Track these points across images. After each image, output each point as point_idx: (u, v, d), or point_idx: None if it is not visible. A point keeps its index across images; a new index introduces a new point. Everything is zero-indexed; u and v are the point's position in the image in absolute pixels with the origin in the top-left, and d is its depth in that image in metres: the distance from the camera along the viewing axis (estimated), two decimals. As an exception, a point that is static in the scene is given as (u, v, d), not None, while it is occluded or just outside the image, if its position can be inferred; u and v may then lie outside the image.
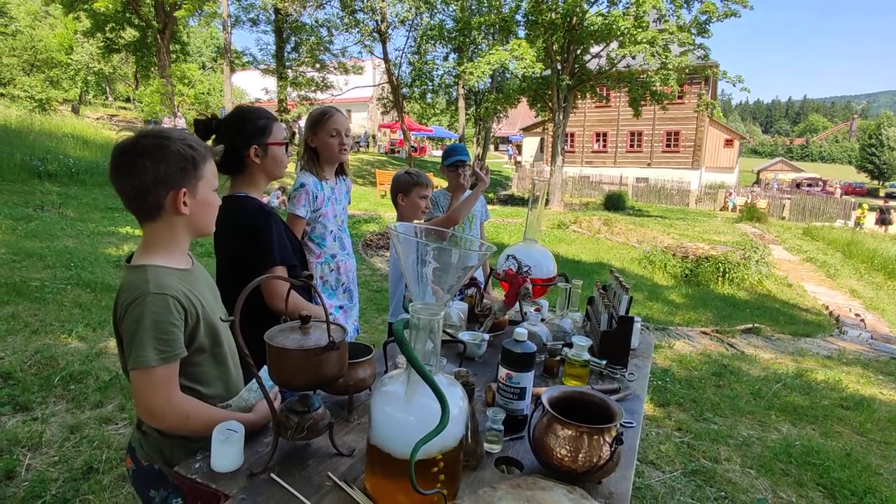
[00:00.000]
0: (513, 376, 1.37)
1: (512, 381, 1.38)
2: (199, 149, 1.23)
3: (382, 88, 25.79)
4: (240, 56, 23.34)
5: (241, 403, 1.29)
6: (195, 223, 1.27)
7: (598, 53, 17.65)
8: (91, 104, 31.38)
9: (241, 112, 1.84)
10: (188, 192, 1.21)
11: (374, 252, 8.96)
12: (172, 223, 1.23)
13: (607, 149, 30.82)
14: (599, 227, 14.11)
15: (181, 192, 1.19)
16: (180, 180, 1.19)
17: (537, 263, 2.09)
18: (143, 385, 1.13)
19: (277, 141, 1.81)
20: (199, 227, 1.29)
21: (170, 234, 1.25)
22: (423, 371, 0.99)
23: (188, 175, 1.20)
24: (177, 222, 1.24)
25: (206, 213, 1.28)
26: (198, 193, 1.23)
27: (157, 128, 1.28)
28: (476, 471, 1.21)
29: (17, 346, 3.57)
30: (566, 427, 1.14)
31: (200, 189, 1.24)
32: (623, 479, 1.21)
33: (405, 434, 1.00)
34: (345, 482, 1.12)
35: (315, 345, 1.12)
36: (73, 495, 2.28)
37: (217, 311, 1.35)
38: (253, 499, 1.06)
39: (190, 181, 1.21)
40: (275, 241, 1.75)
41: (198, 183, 1.23)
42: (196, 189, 1.23)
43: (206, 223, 1.29)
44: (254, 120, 1.80)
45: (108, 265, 5.80)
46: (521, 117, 38.31)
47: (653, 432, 3.32)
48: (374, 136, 33.68)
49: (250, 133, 1.80)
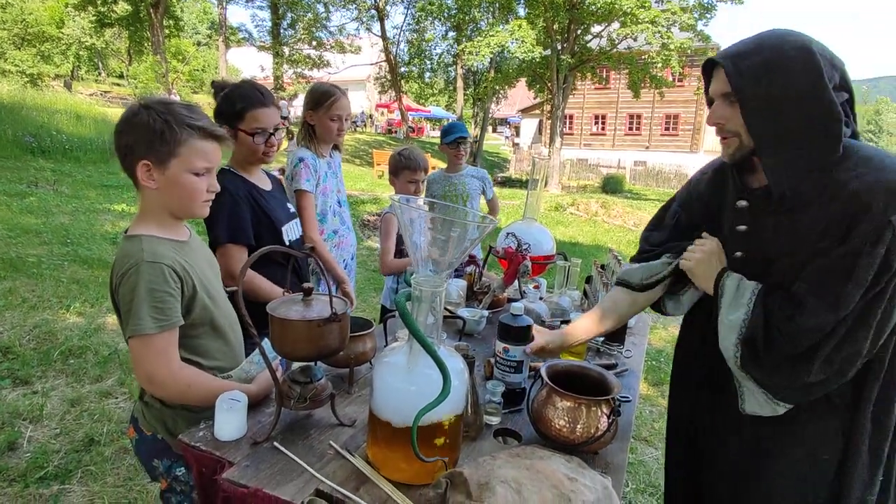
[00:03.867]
0: (509, 350, 1.39)
1: (508, 355, 1.39)
2: (176, 125, 1.16)
3: (380, 67, 25.45)
4: (235, 32, 22.96)
5: (242, 375, 1.31)
6: (167, 201, 1.22)
7: (599, 33, 17.43)
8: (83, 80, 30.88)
9: (230, 90, 1.79)
10: (153, 167, 1.17)
11: (371, 232, 8.93)
12: (150, 196, 1.22)
13: (605, 131, 30.62)
14: (597, 210, 14.11)
15: (142, 163, 1.17)
16: (143, 151, 1.16)
17: (536, 241, 2.10)
18: (142, 353, 1.14)
19: (247, 129, 1.75)
20: (174, 207, 1.23)
21: (154, 207, 1.23)
22: (425, 341, 1.00)
23: (153, 148, 1.16)
24: (152, 195, 1.21)
25: (178, 194, 1.21)
26: (168, 170, 1.18)
27: (149, 97, 1.25)
28: (476, 441, 1.23)
29: (15, 320, 3.57)
30: (565, 399, 1.16)
31: (172, 166, 1.18)
32: (619, 451, 1.23)
33: (407, 403, 1.01)
34: (347, 451, 1.14)
35: (318, 316, 1.14)
36: (75, 466, 2.31)
37: (215, 285, 1.35)
38: (256, 466, 1.08)
39: (156, 155, 1.16)
40: (223, 219, 1.68)
41: (170, 159, 1.17)
42: (166, 165, 1.17)
43: (180, 203, 1.23)
44: (232, 102, 1.75)
45: (104, 242, 5.78)
46: (520, 98, 37.96)
47: (646, 410, 3.38)
48: (371, 116, 33.34)
49: (226, 115, 1.76)
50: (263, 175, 1.94)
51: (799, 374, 1.09)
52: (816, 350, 1.07)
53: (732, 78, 1.11)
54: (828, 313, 1.05)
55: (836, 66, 1.10)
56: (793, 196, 1.12)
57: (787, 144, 1.10)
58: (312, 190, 2.24)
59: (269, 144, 1.82)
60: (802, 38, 1.10)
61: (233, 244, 1.71)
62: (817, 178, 1.09)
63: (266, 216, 1.82)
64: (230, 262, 1.69)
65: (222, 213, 1.69)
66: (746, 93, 1.10)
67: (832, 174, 1.08)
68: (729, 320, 1.16)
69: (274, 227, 1.84)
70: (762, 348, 1.11)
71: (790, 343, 1.08)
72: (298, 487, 1.03)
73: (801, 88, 1.06)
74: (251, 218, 1.77)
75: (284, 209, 1.96)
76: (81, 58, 29.98)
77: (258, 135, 1.78)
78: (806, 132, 1.08)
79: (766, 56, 1.09)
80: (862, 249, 1.02)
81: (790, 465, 1.19)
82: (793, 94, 1.07)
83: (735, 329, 1.14)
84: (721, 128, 1.18)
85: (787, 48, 1.08)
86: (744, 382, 1.18)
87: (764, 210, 1.19)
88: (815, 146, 1.09)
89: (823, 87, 1.06)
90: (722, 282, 1.20)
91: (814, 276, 1.09)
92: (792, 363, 1.10)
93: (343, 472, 1.08)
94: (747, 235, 1.23)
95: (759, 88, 1.09)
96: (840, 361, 1.07)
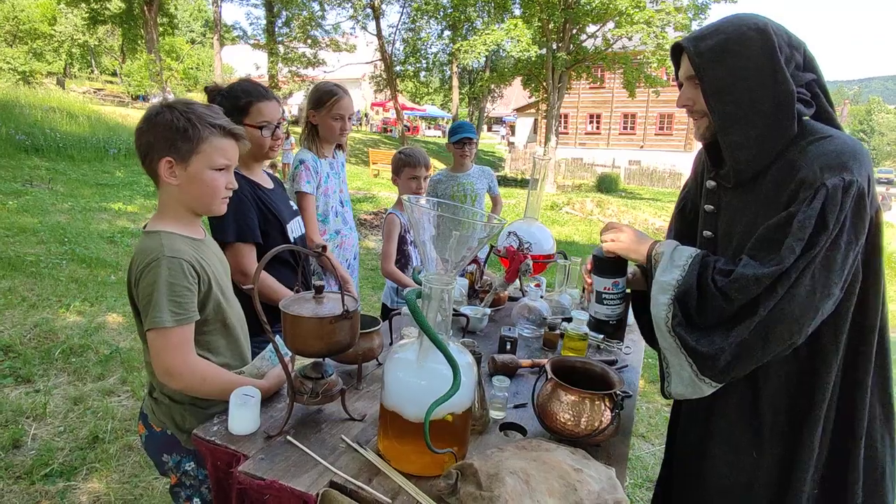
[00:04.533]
0: (619, 283, 1.40)
1: (618, 288, 1.40)
2: (199, 124, 1.21)
3: (375, 66, 25.42)
4: (229, 30, 22.87)
5: (253, 371, 1.34)
6: (187, 197, 1.26)
7: (594, 33, 17.50)
8: (76, 77, 30.65)
9: (230, 87, 1.80)
10: (175, 163, 1.21)
11: (368, 231, 8.95)
12: (171, 192, 1.25)
13: (600, 131, 30.73)
14: (592, 209, 14.18)
15: (165, 161, 1.21)
16: (166, 149, 1.20)
17: (537, 240, 2.13)
18: (161, 345, 1.17)
19: (253, 123, 1.77)
20: (194, 203, 1.28)
21: (174, 204, 1.27)
22: (436, 338, 1.04)
23: (176, 146, 1.20)
24: (173, 192, 1.25)
25: (199, 190, 1.25)
26: (189, 167, 1.22)
27: (175, 99, 1.29)
28: (482, 435, 1.27)
29: (15, 319, 3.58)
30: (569, 393, 1.19)
31: (194, 163, 1.22)
32: (621, 444, 1.27)
33: (418, 397, 1.05)
34: (358, 444, 1.17)
35: (329, 313, 1.17)
36: (80, 464, 2.33)
37: (227, 283, 1.39)
38: (271, 459, 1.11)
39: (178, 152, 1.21)
40: (229, 218, 1.70)
41: (191, 156, 1.21)
42: (188, 162, 1.22)
43: (200, 200, 1.27)
44: (236, 97, 1.76)
45: (101, 241, 5.78)
46: (515, 97, 38.02)
47: (643, 407, 3.43)
48: (366, 115, 33.29)
49: (230, 112, 1.76)
50: (265, 175, 1.96)
51: (731, 336, 1.07)
52: (753, 309, 1.05)
53: (693, 60, 1.15)
54: (765, 266, 1.04)
55: (794, 46, 1.13)
56: (750, 174, 1.15)
57: (744, 123, 1.12)
58: (313, 192, 2.26)
59: (276, 138, 1.84)
60: (759, 19, 1.13)
61: (241, 242, 1.74)
62: (773, 156, 1.12)
63: (272, 214, 1.85)
64: (239, 261, 1.71)
65: (228, 213, 1.71)
66: (706, 73, 1.14)
67: (786, 152, 1.11)
68: (661, 281, 1.16)
69: (280, 225, 1.87)
70: (695, 306, 1.11)
71: (724, 297, 1.07)
72: (313, 479, 1.06)
73: (756, 68, 1.10)
74: (257, 216, 1.80)
75: (288, 207, 1.98)
76: (74, 55, 29.77)
77: (265, 128, 1.79)
78: (761, 111, 1.11)
79: (724, 37, 1.12)
80: (798, 209, 1.04)
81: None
82: (748, 74, 1.10)
83: (668, 289, 1.14)
84: (690, 109, 1.23)
85: (743, 29, 1.11)
86: (670, 357, 1.15)
87: (727, 190, 1.23)
88: (770, 124, 1.11)
89: (778, 66, 1.09)
90: (655, 250, 1.22)
91: (755, 241, 1.10)
92: (726, 325, 1.08)
93: (355, 464, 1.11)
94: (714, 215, 1.27)
95: (717, 69, 1.12)
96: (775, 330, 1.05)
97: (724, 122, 1.15)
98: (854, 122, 64.70)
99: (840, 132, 1.13)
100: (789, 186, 1.08)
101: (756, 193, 1.16)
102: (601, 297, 1.40)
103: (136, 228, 6.51)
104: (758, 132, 1.12)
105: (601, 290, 1.40)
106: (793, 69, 1.12)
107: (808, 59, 1.16)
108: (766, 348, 1.07)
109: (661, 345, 1.17)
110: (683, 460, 1.37)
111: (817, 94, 1.17)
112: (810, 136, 1.11)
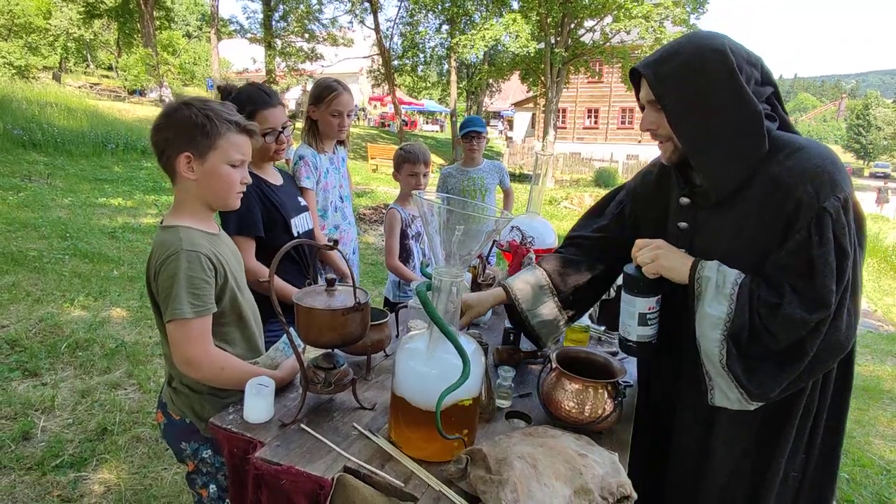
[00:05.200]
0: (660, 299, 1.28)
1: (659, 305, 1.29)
2: (216, 120, 1.25)
3: (373, 60, 25.35)
4: (226, 24, 22.75)
5: (268, 361, 1.37)
6: (204, 192, 1.30)
7: (592, 27, 17.50)
8: (72, 72, 30.45)
9: (235, 95, 1.80)
10: (194, 158, 1.24)
11: (367, 226, 8.98)
12: (187, 188, 1.29)
13: (598, 125, 30.76)
14: (590, 204, 14.24)
15: (183, 156, 1.24)
16: (185, 145, 1.24)
17: (539, 235, 2.17)
18: (181, 336, 1.21)
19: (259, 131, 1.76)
20: (210, 198, 1.31)
21: (190, 199, 1.30)
22: (446, 328, 1.08)
23: (194, 141, 1.24)
24: (190, 187, 1.28)
25: (216, 185, 1.29)
26: (206, 162, 1.26)
27: (191, 96, 1.32)
28: (489, 423, 1.31)
29: (20, 314, 3.61)
30: (574, 382, 1.24)
31: (211, 158, 1.26)
32: (623, 430, 1.32)
33: (428, 386, 1.09)
34: (370, 431, 1.21)
35: (342, 305, 1.21)
36: (90, 455, 2.37)
37: (241, 278, 1.42)
38: (287, 446, 1.15)
39: (197, 148, 1.24)
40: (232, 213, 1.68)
41: (209, 152, 1.25)
42: (206, 157, 1.25)
43: (216, 194, 1.31)
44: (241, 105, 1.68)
45: (103, 236, 5.79)
46: (513, 92, 37.94)
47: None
48: (363, 110, 33.22)
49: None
50: (275, 171, 1.99)
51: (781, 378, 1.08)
52: (801, 349, 1.06)
53: (653, 85, 1.14)
54: (812, 310, 1.05)
55: (753, 63, 1.14)
56: (729, 191, 1.15)
57: (713, 144, 1.13)
58: (313, 187, 2.30)
59: (280, 143, 1.88)
60: (717, 38, 1.13)
61: (241, 236, 1.77)
62: (747, 174, 1.13)
63: (275, 209, 1.88)
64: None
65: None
66: (668, 98, 1.13)
67: (761, 168, 1.12)
68: (711, 315, 1.12)
69: (284, 220, 1.90)
70: (747, 341, 1.10)
71: (771, 336, 1.08)
72: (327, 465, 1.10)
73: (718, 88, 1.10)
74: (261, 211, 1.83)
75: (294, 202, 2.01)
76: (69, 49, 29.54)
77: (269, 135, 1.83)
78: (729, 130, 1.11)
79: (682, 60, 1.12)
80: (812, 241, 1.06)
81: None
82: (711, 95, 1.10)
83: (719, 324, 1.11)
84: (654, 133, 1.22)
85: (702, 51, 1.11)
86: (717, 380, 1.14)
87: (704, 207, 1.23)
88: (739, 143, 1.11)
89: (739, 85, 1.09)
90: (698, 273, 1.16)
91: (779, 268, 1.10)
92: (777, 363, 1.09)
93: (367, 451, 1.16)
94: (690, 232, 1.26)
95: (679, 93, 1.12)
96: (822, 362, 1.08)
97: (693, 144, 1.15)
98: (851, 117, 64.78)
99: (806, 139, 1.15)
100: (784, 206, 1.09)
101: (738, 211, 1.16)
102: (645, 318, 1.27)
103: (137, 224, 6.53)
104: (728, 151, 1.12)
105: (644, 312, 1.27)
106: (753, 86, 1.12)
107: (766, 73, 1.16)
108: (811, 377, 1.12)
109: (708, 370, 1.16)
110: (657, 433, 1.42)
111: (775, 106, 1.18)
112: (785, 149, 1.12)
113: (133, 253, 5.41)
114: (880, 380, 4.46)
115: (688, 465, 1.33)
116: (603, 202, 1.56)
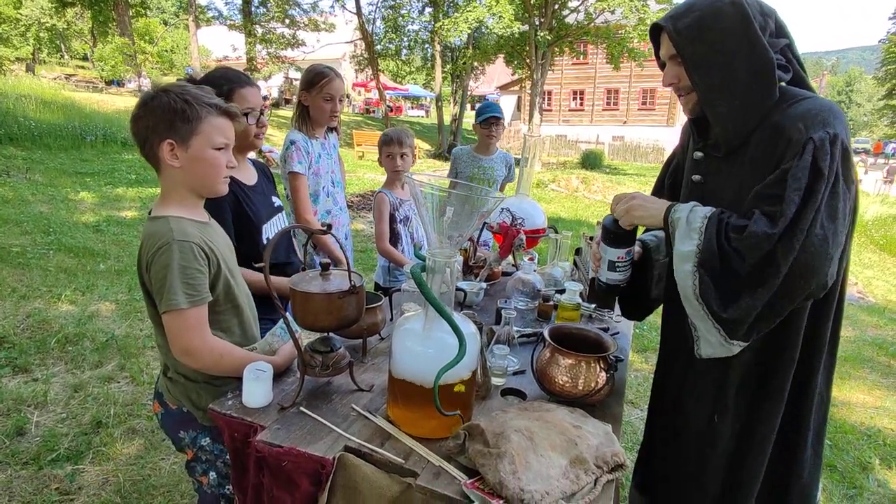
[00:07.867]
0: (630, 251, 1.39)
1: (630, 255, 1.39)
2: (196, 104, 1.23)
3: (356, 45, 24.97)
4: (204, 11, 22.24)
5: (265, 347, 1.38)
6: (190, 179, 1.28)
7: (576, 8, 17.38)
8: (46, 63, 29.62)
9: (208, 75, 1.74)
10: (177, 145, 1.23)
11: (354, 213, 8.94)
12: (173, 176, 1.27)
13: (584, 107, 30.73)
14: (577, 186, 14.28)
15: (166, 144, 1.22)
16: (166, 132, 1.22)
17: (529, 216, 2.19)
18: (178, 327, 1.21)
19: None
20: (196, 184, 1.29)
21: (177, 187, 1.29)
22: (442, 308, 1.09)
23: (175, 127, 1.22)
24: (176, 175, 1.27)
25: (201, 170, 1.27)
26: (190, 148, 1.24)
27: (171, 83, 1.30)
28: (485, 400, 1.34)
29: (7, 310, 3.56)
30: (567, 357, 1.26)
31: (194, 144, 1.24)
32: (616, 403, 1.35)
33: (425, 365, 1.11)
34: (368, 412, 1.23)
35: (337, 289, 1.22)
36: (86, 448, 2.37)
37: (234, 266, 1.42)
38: (287, 428, 1.17)
39: (179, 134, 1.22)
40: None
41: (191, 137, 1.23)
42: (189, 143, 1.23)
43: (202, 180, 1.29)
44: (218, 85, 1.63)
45: (87, 230, 5.71)
46: (498, 75, 37.67)
47: (632, 374, 3.55)
48: (348, 96, 32.79)
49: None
50: (249, 166, 1.84)
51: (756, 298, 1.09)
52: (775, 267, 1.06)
53: (673, 38, 1.20)
54: (773, 223, 1.06)
55: (767, 14, 1.19)
56: (739, 141, 1.20)
57: (728, 93, 1.18)
58: (304, 172, 2.28)
59: (260, 125, 1.78)
60: None
61: None
62: (756, 123, 1.17)
63: (247, 217, 1.70)
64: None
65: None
66: (686, 51, 1.19)
67: (769, 116, 1.16)
68: (682, 252, 1.16)
69: (253, 227, 1.72)
70: (718, 268, 1.12)
71: (739, 256, 1.09)
72: (328, 445, 1.12)
73: (733, 39, 1.15)
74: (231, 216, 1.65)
75: (267, 204, 1.82)
76: (42, 40, 28.69)
77: (249, 114, 1.72)
78: (743, 80, 1.16)
79: (700, 13, 1.17)
80: (790, 165, 1.09)
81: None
82: (727, 46, 1.15)
83: (689, 257, 1.15)
84: (676, 87, 1.27)
85: (718, 4, 1.16)
86: (698, 323, 1.17)
87: (715, 159, 1.28)
88: (753, 92, 1.16)
89: (755, 36, 1.14)
90: (671, 215, 1.21)
91: (756, 197, 1.14)
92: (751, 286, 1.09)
93: (367, 430, 1.18)
94: (702, 185, 1.32)
95: (697, 45, 1.17)
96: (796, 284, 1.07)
97: (709, 94, 1.20)
98: (832, 93, 65.41)
99: (816, 95, 1.19)
100: (778, 148, 1.13)
101: (742, 159, 1.21)
102: (614, 265, 1.39)
103: (121, 217, 6.44)
104: (741, 100, 1.17)
105: (614, 260, 1.38)
106: (767, 37, 1.17)
107: (780, 25, 1.21)
108: (789, 303, 1.10)
109: (689, 311, 1.18)
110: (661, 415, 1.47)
111: (791, 60, 1.22)
112: (790, 100, 1.16)
113: (119, 246, 5.34)
114: (861, 349, 4.59)
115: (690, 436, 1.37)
116: (659, 176, 1.58)
